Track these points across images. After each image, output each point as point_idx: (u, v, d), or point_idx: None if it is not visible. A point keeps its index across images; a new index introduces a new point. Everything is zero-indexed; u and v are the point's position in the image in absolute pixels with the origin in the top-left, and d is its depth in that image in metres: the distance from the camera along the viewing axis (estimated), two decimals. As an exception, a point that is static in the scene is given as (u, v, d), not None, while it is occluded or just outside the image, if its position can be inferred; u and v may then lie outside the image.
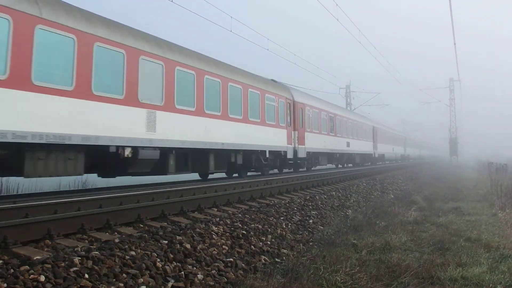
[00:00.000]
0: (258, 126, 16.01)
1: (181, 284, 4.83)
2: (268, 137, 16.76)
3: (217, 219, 7.29)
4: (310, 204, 10.78)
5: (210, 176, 15.88)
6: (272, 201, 10.20)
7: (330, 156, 25.24)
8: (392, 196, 16.44)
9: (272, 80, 19.76)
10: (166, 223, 6.95)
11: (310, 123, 21.24)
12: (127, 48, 10.16)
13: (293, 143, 18.94)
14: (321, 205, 11.11)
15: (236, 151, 14.93)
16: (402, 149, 49.20)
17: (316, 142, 21.78)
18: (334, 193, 13.21)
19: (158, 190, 9.12)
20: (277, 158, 17.98)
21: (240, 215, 7.98)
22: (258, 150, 16.15)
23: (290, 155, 18.51)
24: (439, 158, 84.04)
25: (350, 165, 30.71)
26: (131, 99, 10.14)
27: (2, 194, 11.38)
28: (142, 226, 6.75)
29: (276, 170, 19.49)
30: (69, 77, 8.68)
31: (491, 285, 5.43)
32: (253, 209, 8.89)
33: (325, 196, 12.27)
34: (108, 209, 6.68)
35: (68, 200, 7.09)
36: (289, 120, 18.82)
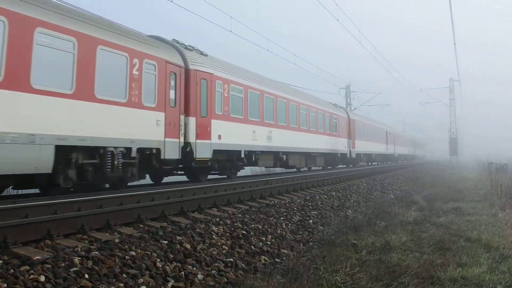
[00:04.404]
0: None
1: (181, 284, 4.83)
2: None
3: (217, 219, 7.29)
4: (310, 204, 10.78)
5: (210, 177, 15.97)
6: (272, 201, 10.20)
7: None
8: (392, 196, 16.43)
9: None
10: (166, 223, 6.95)
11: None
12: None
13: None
14: (321, 205, 11.11)
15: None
16: (340, 143, 27.48)
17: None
18: (334, 193, 13.21)
19: (158, 190, 9.12)
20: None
21: (240, 215, 7.97)
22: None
23: None
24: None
25: None
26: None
27: (2, 194, 11.37)
28: (142, 226, 6.75)
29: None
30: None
31: (491, 285, 5.43)
32: (253, 209, 8.88)
33: (325, 196, 12.27)
34: (108, 209, 6.68)
35: (68, 200, 7.09)
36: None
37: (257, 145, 16.22)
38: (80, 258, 4.50)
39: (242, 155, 15.06)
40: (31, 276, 3.98)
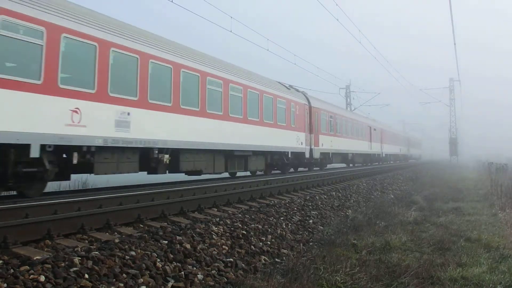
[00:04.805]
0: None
1: (181, 284, 4.83)
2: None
3: (217, 219, 7.29)
4: (310, 204, 10.78)
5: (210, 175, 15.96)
6: (272, 201, 10.20)
7: None
8: (392, 196, 16.43)
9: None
10: (166, 223, 6.95)
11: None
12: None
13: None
14: (321, 205, 11.11)
15: None
16: (291, 138, 19.57)
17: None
18: (334, 193, 13.21)
19: (158, 190, 9.12)
20: None
21: (240, 215, 7.98)
22: None
23: None
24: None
25: None
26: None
27: (3, 194, 11.38)
28: (142, 226, 6.75)
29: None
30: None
31: (491, 285, 5.43)
32: (253, 209, 8.89)
33: (325, 196, 12.27)
34: (108, 209, 6.68)
35: (68, 200, 7.10)
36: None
37: (83, 135, 9.06)
38: (80, 258, 4.51)
39: (36, 155, 8.07)
40: (31, 276, 3.99)
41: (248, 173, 17.71)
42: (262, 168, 17.62)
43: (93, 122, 9.32)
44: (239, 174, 17.33)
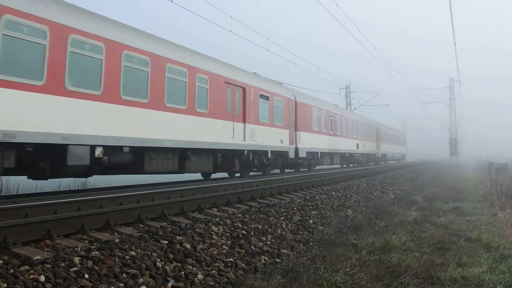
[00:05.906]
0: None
1: (181, 284, 4.83)
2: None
3: (217, 219, 7.29)
4: (310, 204, 10.78)
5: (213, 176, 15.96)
6: (272, 201, 10.20)
7: None
8: (392, 196, 16.43)
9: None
10: (166, 223, 6.95)
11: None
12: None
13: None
14: (321, 205, 11.11)
15: None
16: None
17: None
18: (334, 193, 13.21)
19: (158, 190, 9.13)
20: None
21: (240, 215, 7.97)
22: None
23: None
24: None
25: None
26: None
27: (2, 194, 11.38)
28: (142, 226, 6.75)
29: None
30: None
31: (491, 285, 5.43)
32: (253, 209, 8.89)
33: (325, 196, 12.27)
34: (108, 209, 6.68)
35: (68, 200, 7.10)
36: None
37: None
38: (80, 258, 4.51)
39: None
40: (31, 276, 3.98)
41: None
42: None
43: None
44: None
